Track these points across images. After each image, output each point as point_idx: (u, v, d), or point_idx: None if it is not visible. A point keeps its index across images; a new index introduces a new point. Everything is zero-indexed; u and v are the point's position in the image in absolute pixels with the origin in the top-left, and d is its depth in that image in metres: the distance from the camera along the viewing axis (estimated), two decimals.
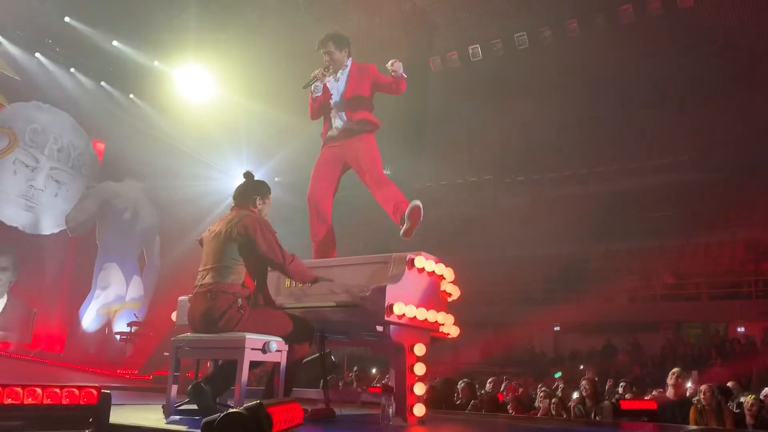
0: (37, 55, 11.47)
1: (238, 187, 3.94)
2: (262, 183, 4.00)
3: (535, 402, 7.45)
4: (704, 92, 16.04)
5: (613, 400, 6.36)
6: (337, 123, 4.70)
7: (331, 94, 4.69)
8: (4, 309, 10.73)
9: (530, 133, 17.66)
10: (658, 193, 18.57)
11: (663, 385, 7.21)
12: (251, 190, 3.91)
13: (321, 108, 4.75)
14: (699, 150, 18.01)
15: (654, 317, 15.26)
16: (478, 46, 14.71)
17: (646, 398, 7.26)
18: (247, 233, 3.62)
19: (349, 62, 4.74)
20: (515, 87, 15.96)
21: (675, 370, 6.46)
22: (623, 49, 14.78)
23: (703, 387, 5.96)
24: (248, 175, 3.99)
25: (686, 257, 16.94)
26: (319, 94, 4.70)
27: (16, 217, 11.09)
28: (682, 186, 17.99)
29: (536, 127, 17.17)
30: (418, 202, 4.32)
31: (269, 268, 3.86)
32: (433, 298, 4.13)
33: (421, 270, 4.03)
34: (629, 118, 17.70)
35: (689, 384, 7.32)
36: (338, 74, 4.70)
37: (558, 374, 10.10)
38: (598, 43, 14.36)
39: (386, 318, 3.64)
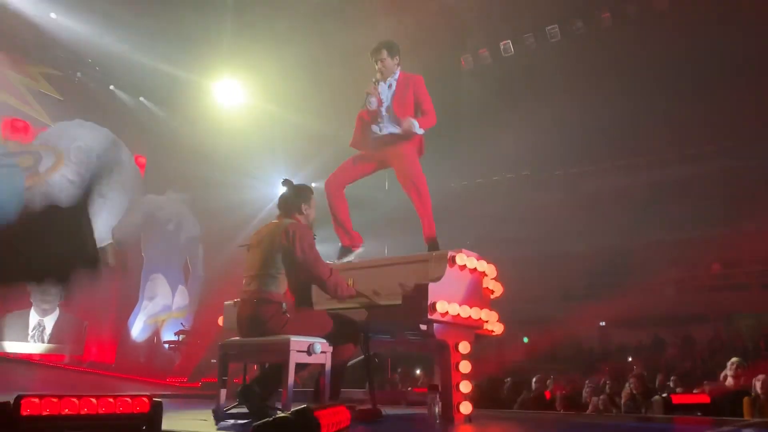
0: (78, 74, 11.80)
1: (281, 197, 4.00)
2: (303, 188, 4.03)
3: (583, 399, 7.35)
4: (747, 76, 15.60)
5: (663, 395, 6.22)
6: (384, 127, 4.80)
7: (382, 101, 4.78)
8: (56, 323, 11.04)
9: (566, 127, 17.42)
10: (701, 181, 18.12)
11: (715, 377, 7.04)
12: (296, 197, 3.95)
13: (372, 118, 4.82)
14: (742, 136, 17.52)
15: (703, 308, 14.88)
16: (509, 41, 14.58)
17: (696, 391, 7.08)
18: (291, 243, 3.67)
19: (398, 71, 4.83)
20: (549, 81, 15.78)
21: (734, 359, 6.28)
22: (658, 37, 14.49)
23: (761, 377, 5.77)
24: (287, 183, 4.03)
25: (734, 245, 16.47)
26: (374, 107, 4.79)
27: None
28: (727, 173, 17.51)
29: (571, 121, 16.94)
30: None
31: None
32: (476, 295, 4.12)
33: (463, 267, 4.02)
34: (667, 106, 17.32)
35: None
36: (388, 81, 4.80)
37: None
38: (632, 32, 14.12)
39: (429, 316, 3.64)
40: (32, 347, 10.66)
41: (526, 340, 9.74)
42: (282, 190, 4.10)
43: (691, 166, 18.29)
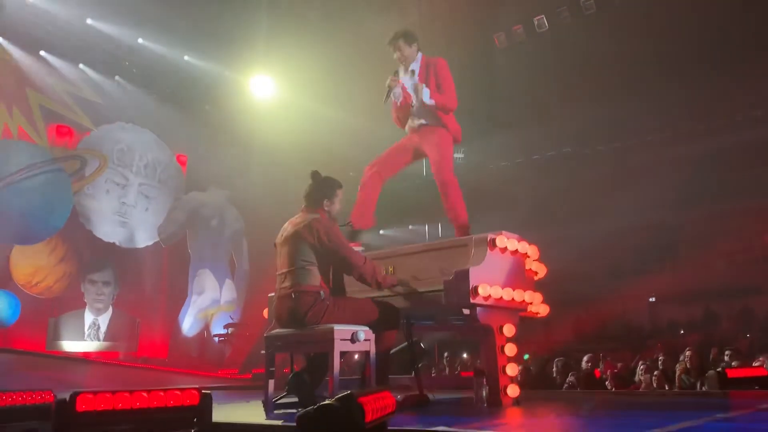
0: (117, 77, 12.05)
1: (307, 188, 3.99)
2: (329, 182, 4.00)
3: (635, 377, 7.22)
4: None
5: (719, 369, 6.07)
6: (417, 115, 4.79)
7: (410, 94, 4.78)
8: (110, 321, 11.38)
9: (606, 101, 17.01)
10: (749, 149, 17.50)
11: None
12: (318, 192, 3.93)
13: (404, 108, 4.83)
14: None
15: (757, 280, 14.45)
16: (543, 16, 14.27)
17: (754, 365, 6.88)
18: (316, 237, 3.67)
19: (419, 56, 4.81)
20: (586, 55, 15.41)
21: None
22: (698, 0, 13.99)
23: None
24: (315, 176, 4.00)
25: None
26: (401, 99, 4.79)
27: (113, 234, 11.71)
28: None
29: (612, 95, 16.54)
30: None
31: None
32: (519, 277, 4.07)
33: (504, 249, 3.98)
34: (711, 73, 16.75)
35: None
36: (410, 69, 4.78)
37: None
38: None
39: (471, 300, 3.62)
40: (89, 345, 11.00)
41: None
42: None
43: (739, 133, 17.67)
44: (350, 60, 12.12)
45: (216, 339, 12.88)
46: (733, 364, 7.19)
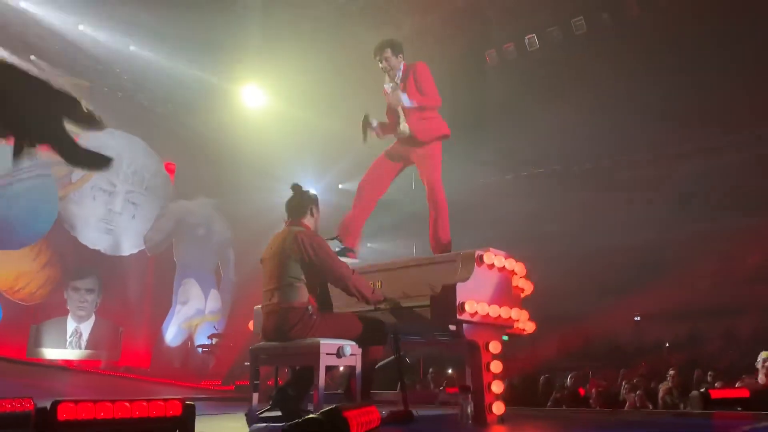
0: (107, 84, 11.99)
1: (289, 201, 3.97)
2: (310, 194, 4.01)
3: (619, 395, 7.24)
4: None
5: (702, 390, 6.09)
6: (403, 126, 4.78)
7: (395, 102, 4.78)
8: (92, 328, 11.25)
9: (596, 120, 17.17)
10: (737, 171, 17.70)
11: (754, 372, 6.87)
12: (302, 204, 3.93)
13: (393, 123, 4.83)
14: None
15: (741, 301, 14.56)
16: (534, 35, 14.42)
17: (737, 386, 6.92)
18: (302, 251, 3.65)
19: (402, 66, 4.80)
20: (577, 74, 15.56)
21: (764, 355, 6.12)
22: (689, 25, 14.19)
23: None
24: (296, 188, 4.00)
25: None
26: (376, 126, 4.79)
27: (98, 241, 11.61)
28: (764, 161, 17.08)
29: (601, 114, 16.69)
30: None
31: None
32: (506, 294, 4.07)
33: (491, 266, 3.98)
34: (699, 94, 16.95)
35: None
36: (396, 79, 4.78)
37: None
38: (659, 21, 13.84)
39: (458, 317, 3.61)
40: (70, 353, 10.87)
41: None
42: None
43: (727, 155, 17.86)
44: (343, 71, 12.16)
45: (199, 350, 12.77)
46: (716, 384, 7.23)
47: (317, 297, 3.85)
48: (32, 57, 10.85)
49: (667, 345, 12.49)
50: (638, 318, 15.98)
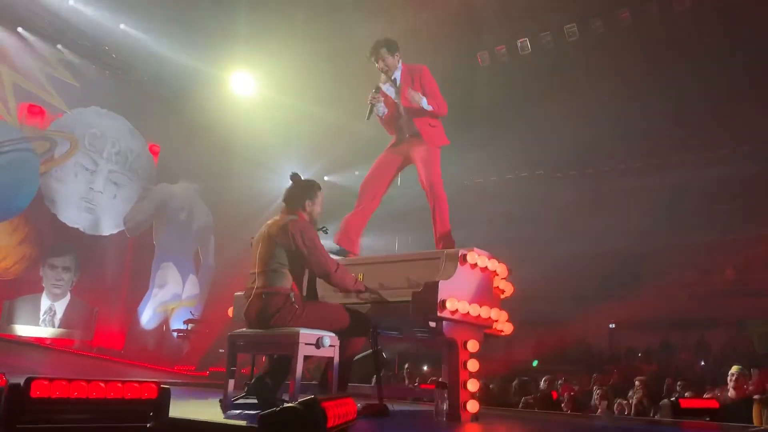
0: (95, 62, 11.84)
1: (287, 190, 3.97)
2: (310, 184, 3.99)
3: (591, 400, 7.31)
4: (761, 81, 15.38)
5: (672, 399, 6.17)
6: (403, 126, 4.81)
7: (395, 102, 4.79)
8: (67, 307, 11.13)
9: (582, 127, 17.29)
10: (717, 185, 17.93)
11: (723, 383, 6.97)
12: (299, 194, 3.92)
13: (390, 121, 4.86)
14: (760, 140, 17.30)
15: (714, 313, 14.78)
16: (527, 39, 14.47)
17: (706, 397, 7.02)
18: (290, 240, 3.65)
19: (400, 65, 4.81)
20: (566, 80, 15.66)
21: (734, 369, 6.21)
22: (676, 38, 14.32)
23: None
24: (295, 177, 3.99)
25: (748, 252, 16.32)
26: (385, 112, 4.80)
27: (78, 219, 11.48)
28: (743, 177, 17.32)
29: (588, 121, 16.81)
30: None
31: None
32: (486, 294, 4.10)
33: (474, 266, 4.00)
34: (685, 110, 17.14)
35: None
36: (393, 78, 4.79)
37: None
38: (649, 31, 13.97)
39: (439, 314, 3.63)
40: (43, 331, 10.74)
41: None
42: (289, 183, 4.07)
43: (707, 170, 18.08)
44: (334, 62, 12.12)
45: (174, 334, 12.70)
46: (686, 394, 7.33)
47: (304, 286, 3.84)
48: (19, 29, 10.68)
49: (639, 355, 12.63)
50: (613, 325, 16.15)
